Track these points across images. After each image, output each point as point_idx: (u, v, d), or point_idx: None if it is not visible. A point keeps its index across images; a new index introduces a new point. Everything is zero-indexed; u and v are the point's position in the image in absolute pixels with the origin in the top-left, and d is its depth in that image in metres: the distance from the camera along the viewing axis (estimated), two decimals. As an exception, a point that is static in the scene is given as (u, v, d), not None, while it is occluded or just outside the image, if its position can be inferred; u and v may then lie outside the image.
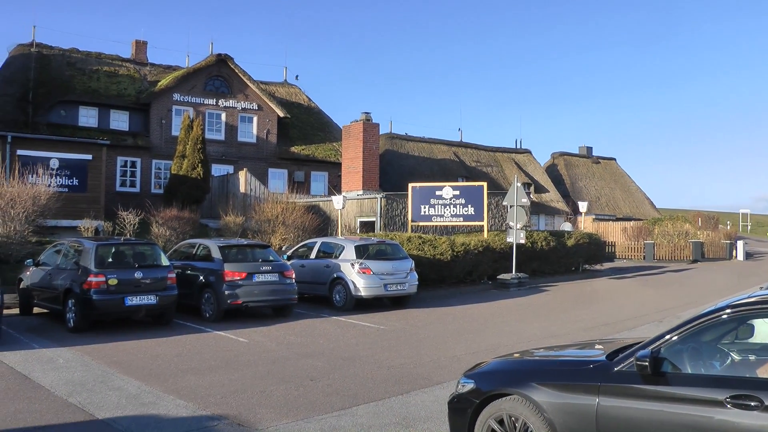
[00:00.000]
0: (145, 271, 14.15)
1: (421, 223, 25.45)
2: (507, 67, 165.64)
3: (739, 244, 42.99)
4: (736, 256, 42.14)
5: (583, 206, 34.95)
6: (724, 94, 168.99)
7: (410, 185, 25.81)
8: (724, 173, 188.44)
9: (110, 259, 14.32)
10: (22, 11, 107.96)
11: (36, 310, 15.92)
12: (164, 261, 14.82)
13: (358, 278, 17.58)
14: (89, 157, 28.12)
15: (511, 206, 23.99)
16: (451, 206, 24.80)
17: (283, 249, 22.08)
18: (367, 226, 27.74)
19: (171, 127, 35.52)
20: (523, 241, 24.06)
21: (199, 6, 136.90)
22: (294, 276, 16.55)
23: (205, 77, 37.30)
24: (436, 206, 24.91)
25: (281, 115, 38.90)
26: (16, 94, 32.50)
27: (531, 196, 43.21)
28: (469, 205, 24.74)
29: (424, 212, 25.02)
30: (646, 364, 4.93)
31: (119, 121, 35.09)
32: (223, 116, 37.52)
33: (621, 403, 5.08)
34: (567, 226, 36.52)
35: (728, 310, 5.06)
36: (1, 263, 18.48)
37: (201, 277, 15.96)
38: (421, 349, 12.48)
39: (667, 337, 5.15)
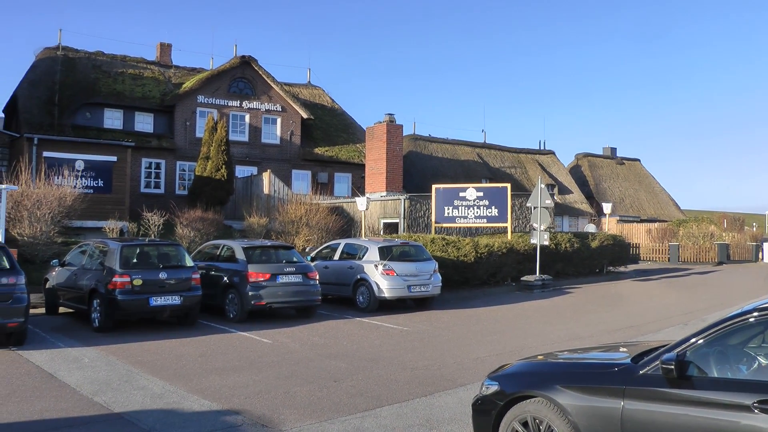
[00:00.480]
0: (170, 271, 14.24)
1: (444, 225, 25.40)
2: (530, 71, 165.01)
3: (766, 246, 42.44)
4: (762, 258, 41.62)
5: (607, 207, 34.66)
6: (750, 94, 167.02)
7: (434, 186, 25.77)
8: (750, 174, 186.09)
9: (135, 260, 14.43)
10: (49, 15, 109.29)
11: (61, 309, 16.10)
12: (188, 262, 14.91)
13: (381, 279, 17.57)
14: (114, 158, 28.46)
15: (534, 208, 23.88)
16: (475, 208, 24.74)
17: (307, 250, 22.13)
18: (391, 228, 27.74)
19: (195, 129, 35.74)
20: (546, 243, 23.93)
21: (224, 9, 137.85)
22: (317, 277, 16.57)
23: (229, 79, 37.50)
24: (460, 208, 24.85)
25: (305, 116, 39.01)
26: (42, 96, 32.86)
27: (555, 197, 42.98)
28: (493, 207, 24.67)
29: (448, 214, 24.97)
30: (672, 367, 4.88)
31: (144, 123, 35.36)
32: (247, 118, 37.68)
33: (646, 407, 5.03)
34: (591, 228, 36.34)
35: (755, 314, 4.99)
36: (28, 263, 18.69)
37: (225, 278, 16.05)
38: (444, 350, 12.46)
39: (693, 340, 5.09)
